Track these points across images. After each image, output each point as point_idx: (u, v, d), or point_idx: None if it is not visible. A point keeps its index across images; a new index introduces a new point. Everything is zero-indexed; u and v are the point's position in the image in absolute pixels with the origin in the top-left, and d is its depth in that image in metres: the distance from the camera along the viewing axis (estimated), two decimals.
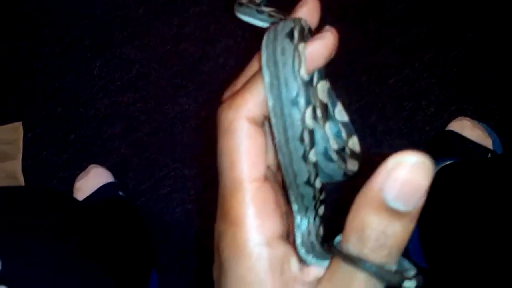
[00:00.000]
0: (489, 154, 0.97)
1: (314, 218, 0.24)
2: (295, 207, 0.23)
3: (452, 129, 1.02)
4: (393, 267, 0.19)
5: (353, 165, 0.25)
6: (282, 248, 0.22)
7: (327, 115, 0.23)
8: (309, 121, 0.21)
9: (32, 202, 0.58)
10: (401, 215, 0.18)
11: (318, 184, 0.23)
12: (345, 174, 0.24)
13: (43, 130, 1.18)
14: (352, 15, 1.21)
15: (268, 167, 0.23)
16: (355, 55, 1.16)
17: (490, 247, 0.78)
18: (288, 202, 0.24)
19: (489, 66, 1.13)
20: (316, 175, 0.22)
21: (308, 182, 0.22)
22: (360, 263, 0.19)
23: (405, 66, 1.15)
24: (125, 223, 0.96)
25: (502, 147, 1.02)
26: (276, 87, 0.21)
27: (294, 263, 0.22)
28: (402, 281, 0.19)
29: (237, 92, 0.23)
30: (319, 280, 0.21)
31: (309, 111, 0.21)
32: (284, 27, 0.22)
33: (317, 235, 0.24)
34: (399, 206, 0.18)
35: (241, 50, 1.20)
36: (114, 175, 1.09)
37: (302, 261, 0.23)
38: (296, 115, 0.20)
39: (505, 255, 0.75)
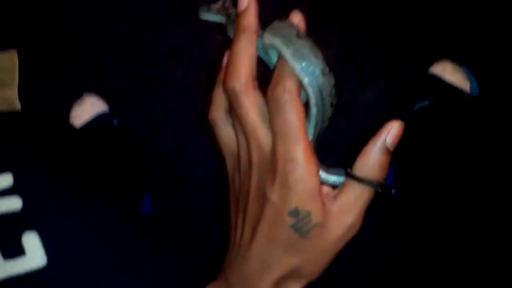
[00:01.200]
0: (466, 96, 1.03)
1: None
2: None
3: (434, 72, 1.07)
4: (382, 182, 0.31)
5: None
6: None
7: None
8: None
9: (37, 127, 0.60)
10: (390, 152, 0.30)
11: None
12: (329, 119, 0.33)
13: (38, 58, 1.20)
14: None
15: None
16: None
17: (458, 180, 0.85)
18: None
19: (476, 10, 1.16)
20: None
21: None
22: (364, 180, 0.30)
23: (395, 8, 1.17)
24: (121, 148, 1.02)
25: (478, 91, 1.08)
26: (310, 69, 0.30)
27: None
28: (387, 188, 0.31)
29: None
30: (336, 195, 0.31)
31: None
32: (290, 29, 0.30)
33: None
34: (391, 147, 0.30)
35: None
36: (109, 105, 1.13)
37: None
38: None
39: (469, 186, 0.83)
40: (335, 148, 1.11)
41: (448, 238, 1.07)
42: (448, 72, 1.07)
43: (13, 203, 0.43)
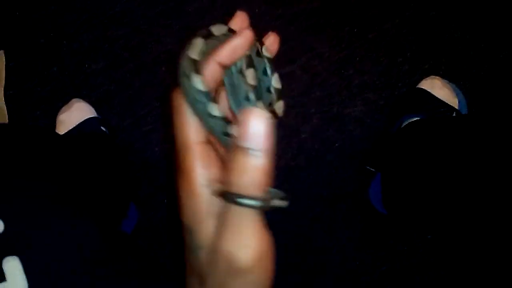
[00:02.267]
0: (454, 113, 1.03)
1: None
2: None
3: (423, 86, 1.08)
4: (264, 195, 0.27)
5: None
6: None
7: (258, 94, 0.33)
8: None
9: (16, 139, 0.59)
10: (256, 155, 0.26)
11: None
12: None
13: (25, 60, 1.18)
14: None
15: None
16: (342, 7, 1.18)
17: (446, 197, 0.86)
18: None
19: (465, 28, 1.17)
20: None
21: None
22: (241, 201, 0.26)
23: (386, 21, 1.18)
24: (106, 156, 1.01)
25: (467, 108, 1.08)
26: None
27: None
28: (272, 203, 0.28)
29: None
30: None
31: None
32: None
33: None
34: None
35: None
36: (97, 111, 1.12)
37: None
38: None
39: (457, 203, 0.84)
40: (324, 161, 1.11)
41: (435, 254, 1.07)
42: (437, 88, 1.07)
43: None
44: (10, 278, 0.41)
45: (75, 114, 1.09)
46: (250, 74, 0.32)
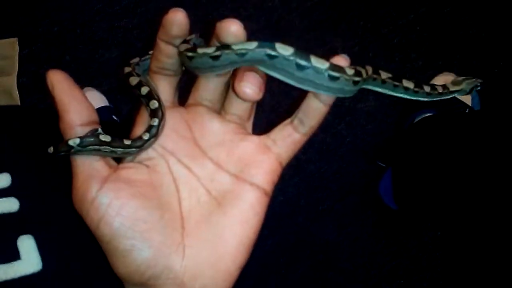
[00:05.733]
0: (467, 109, 1.03)
1: None
2: None
3: (436, 83, 1.07)
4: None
5: None
6: None
7: None
8: None
9: (31, 121, 0.59)
10: None
11: None
12: None
13: (39, 48, 1.19)
14: None
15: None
16: (356, 2, 1.18)
17: (457, 193, 0.85)
18: None
19: (480, 25, 1.16)
20: None
21: None
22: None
23: (400, 17, 1.17)
24: None
25: (480, 105, 1.08)
26: None
27: None
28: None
29: None
30: None
31: None
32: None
33: None
34: None
35: None
36: (108, 100, 1.12)
37: None
38: None
39: (468, 200, 0.83)
40: (335, 155, 1.11)
41: (446, 250, 1.07)
42: None
43: (10, 205, 0.42)
44: (24, 256, 0.41)
45: None
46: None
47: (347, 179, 1.10)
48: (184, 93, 0.35)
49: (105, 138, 0.32)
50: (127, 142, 0.33)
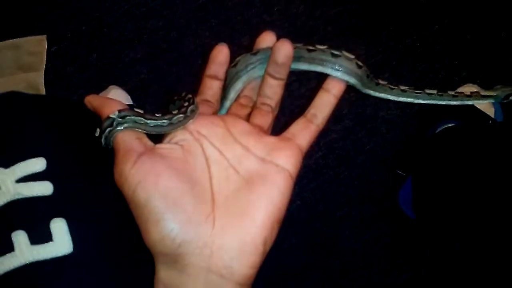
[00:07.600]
0: (490, 121, 1.02)
1: None
2: None
3: None
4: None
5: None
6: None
7: None
8: None
9: (65, 110, 0.60)
10: None
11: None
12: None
13: (67, 46, 1.21)
14: None
15: None
16: (380, 10, 1.18)
17: (478, 205, 0.85)
18: None
19: (505, 38, 1.16)
20: None
21: None
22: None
23: (425, 27, 1.17)
24: None
25: (502, 118, 1.07)
26: None
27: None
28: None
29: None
30: None
31: None
32: None
33: None
34: None
35: None
36: (132, 99, 1.14)
37: None
38: None
39: (489, 213, 0.83)
40: (354, 162, 1.11)
41: (464, 261, 1.06)
42: None
43: (44, 188, 0.43)
44: (56, 238, 0.42)
45: None
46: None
47: (366, 186, 1.10)
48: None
49: (139, 110, 0.37)
50: (158, 115, 0.38)
